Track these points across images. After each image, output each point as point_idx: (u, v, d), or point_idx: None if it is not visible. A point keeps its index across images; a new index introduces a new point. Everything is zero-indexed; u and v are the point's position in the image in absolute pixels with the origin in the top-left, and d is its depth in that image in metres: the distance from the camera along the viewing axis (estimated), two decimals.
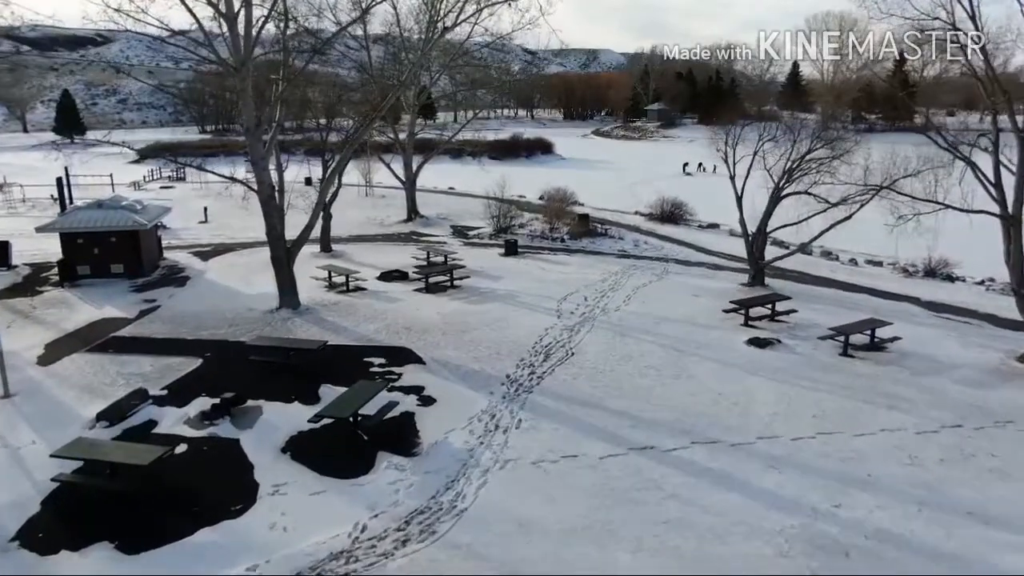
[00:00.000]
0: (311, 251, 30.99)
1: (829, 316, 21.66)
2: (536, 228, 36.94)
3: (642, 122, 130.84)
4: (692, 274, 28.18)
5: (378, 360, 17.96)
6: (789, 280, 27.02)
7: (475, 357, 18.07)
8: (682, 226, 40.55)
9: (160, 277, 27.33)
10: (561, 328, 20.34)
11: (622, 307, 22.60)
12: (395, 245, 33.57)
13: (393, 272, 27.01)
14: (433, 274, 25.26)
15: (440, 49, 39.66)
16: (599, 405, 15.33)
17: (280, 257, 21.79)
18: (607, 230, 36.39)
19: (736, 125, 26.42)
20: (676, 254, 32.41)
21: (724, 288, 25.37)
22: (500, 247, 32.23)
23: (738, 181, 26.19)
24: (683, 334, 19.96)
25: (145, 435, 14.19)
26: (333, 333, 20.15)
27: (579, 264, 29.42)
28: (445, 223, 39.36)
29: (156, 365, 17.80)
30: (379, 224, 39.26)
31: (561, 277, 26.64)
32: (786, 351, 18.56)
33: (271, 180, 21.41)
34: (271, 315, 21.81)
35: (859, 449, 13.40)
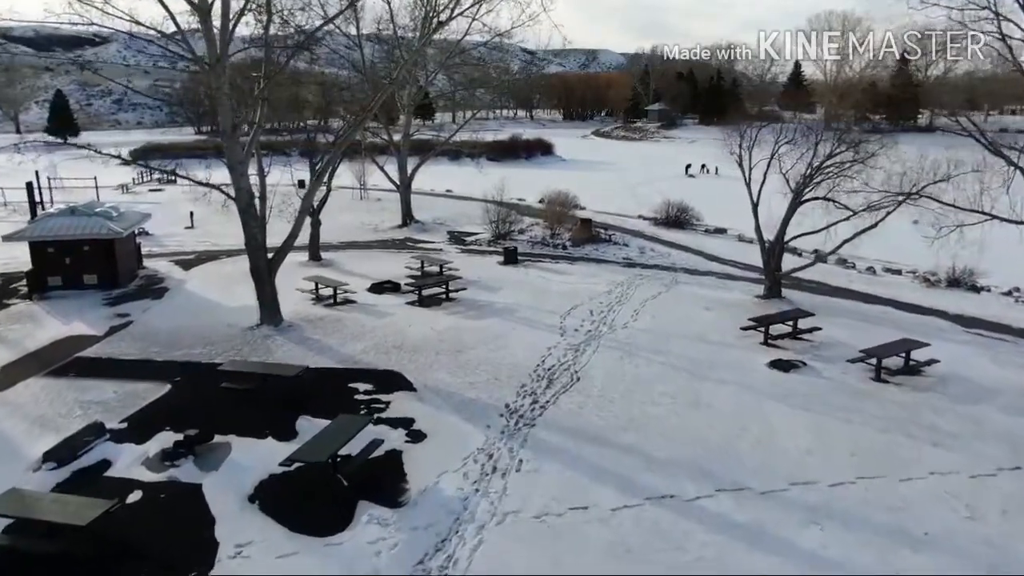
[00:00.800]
0: (299, 260, 29.36)
1: (854, 333, 20.04)
2: (536, 234, 35.32)
3: (642, 122, 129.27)
4: (703, 284, 26.53)
5: (364, 386, 16.30)
6: (806, 291, 25.40)
7: (471, 383, 16.41)
8: (688, 231, 38.93)
9: (137, 289, 25.66)
10: (565, 347, 18.70)
11: (630, 323, 20.96)
12: (388, 253, 31.92)
13: (385, 283, 25.34)
14: (427, 286, 23.61)
15: (437, 47, 38.06)
16: (609, 441, 13.68)
17: (260, 269, 20.14)
18: (611, 236, 34.77)
19: (751, 126, 24.74)
20: (684, 262, 30.78)
21: (738, 301, 23.73)
22: (499, 254, 30.59)
23: (748, 185, 24.52)
24: (698, 354, 18.31)
25: (96, 479, 12.55)
26: (316, 353, 18.49)
27: (582, 273, 27.76)
28: (441, 228, 37.71)
29: (120, 392, 16.14)
30: (372, 230, 37.61)
31: (564, 288, 24.99)
32: (812, 375, 16.91)
33: (250, 186, 19.76)
34: (251, 332, 20.15)
35: (907, 497, 11.75)
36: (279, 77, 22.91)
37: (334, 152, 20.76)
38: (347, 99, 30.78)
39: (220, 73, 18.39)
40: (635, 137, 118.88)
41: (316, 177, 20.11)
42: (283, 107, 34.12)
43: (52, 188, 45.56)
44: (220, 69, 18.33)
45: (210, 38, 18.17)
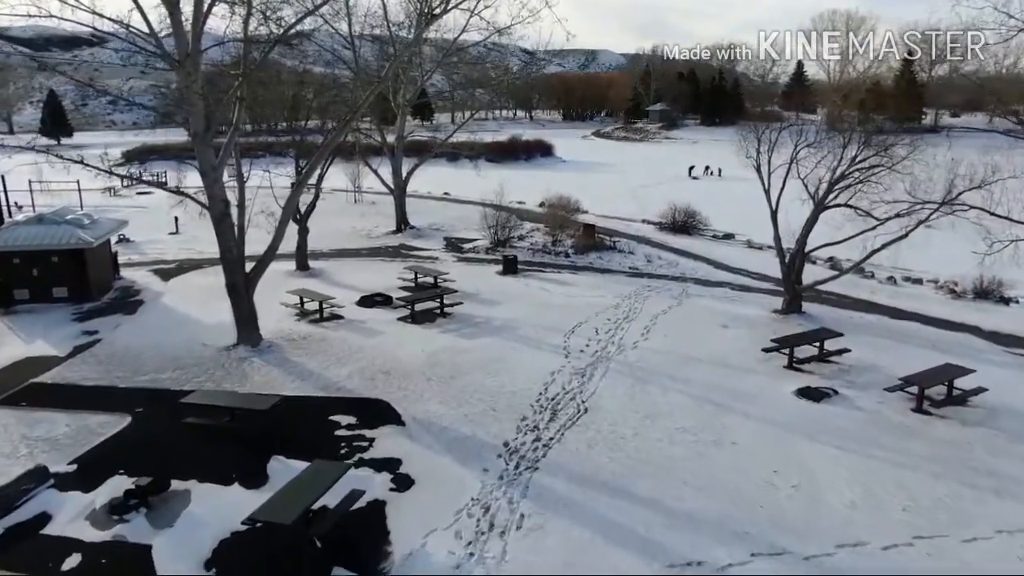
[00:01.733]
0: (285, 269, 27.66)
1: (885, 354, 18.37)
2: (537, 240, 33.61)
3: (643, 123, 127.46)
4: (716, 297, 24.81)
5: (347, 419, 14.59)
6: (826, 304, 23.70)
7: (466, 415, 14.70)
8: (696, 237, 37.20)
9: (109, 302, 23.94)
10: (570, 372, 16.99)
11: (640, 342, 19.25)
12: (381, 261, 30.18)
13: (375, 296, 23.63)
14: (420, 301, 21.88)
15: (433, 45, 36.38)
16: (624, 489, 11.97)
17: (237, 286, 18.43)
18: (615, 243, 33.05)
19: (770, 128, 23.00)
20: (694, 271, 29.05)
21: (756, 316, 22.03)
22: (498, 263, 28.87)
23: (767, 192, 22.78)
24: (717, 380, 16.60)
25: (31, 538, 10.84)
26: (296, 379, 16.78)
27: (586, 285, 26.05)
28: (438, 234, 35.98)
29: (73, 426, 14.43)
30: (365, 236, 35.87)
31: (567, 302, 23.28)
32: (846, 406, 15.20)
33: (225, 195, 18.04)
34: (226, 354, 18.43)
35: (974, 565, 10.06)
36: (259, 75, 21.28)
37: (318, 155, 19.04)
38: (336, 99, 29.05)
39: (190, 70, 16.68)
40: (636, 138, 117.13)
41: (298, 182, 18.39)
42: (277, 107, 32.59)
43: (33, 191, 43.80)
44: (191, 65, 16.62)
45: (179, 31, 16.46)
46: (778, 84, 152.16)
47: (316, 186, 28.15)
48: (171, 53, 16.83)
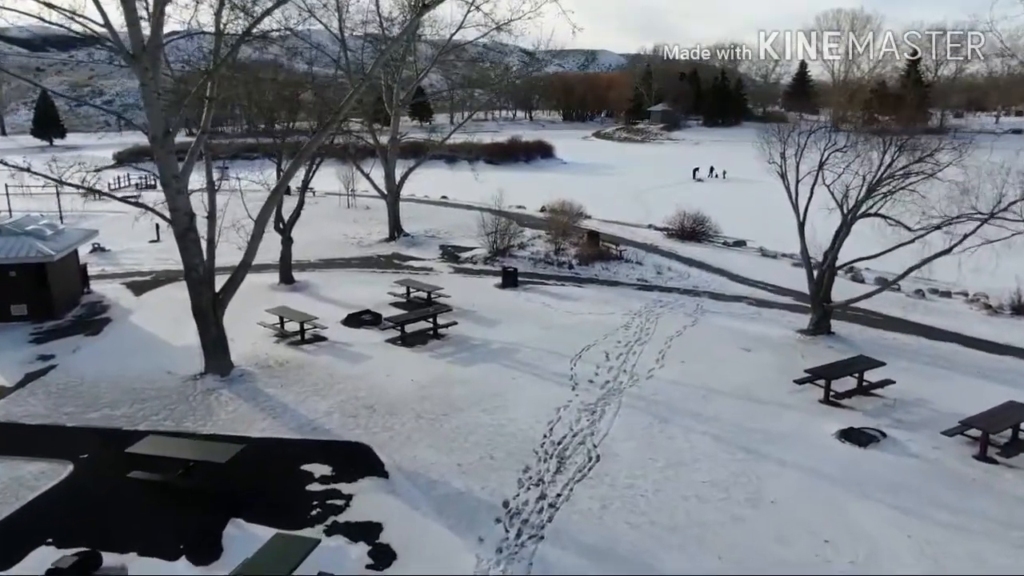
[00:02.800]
0: (268, 283, 25.71)
1: (931, 384, 16.41)
2: (538, 250, 31.60)
3: (645, 124, 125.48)
4: (734, 314, 22.82)
5: (322, 469, 12.60)
6: (855, 323, 21.70)
7: (459, 464, 12.72)
8: (706, 244, 35.23)
9: (73, 321, 21.96)
10: (579, 408, 15.00)
11: (656, 370, 17.25)
12: (372, 273, 28.17)
13: (363, 314, 21.65)
14: (411, 320, 19.89)
15: (429, 43, 34.44)
16: (647, 565, 10.00)
17: (204, 308, 16.43)
18: (622, 252, 31.04)
19: (798, 130, 20.97)
20: (707, 284, 27.05)
21: (780, 338, 20.04)
22: (496, 275, 26.89)
23: (795, 201, 20.77)
24: (746, 418, 14.61)
25: None
26: (268, 416, 14.79)
27: (593, 300, 24.04)
28: (433, 243, 33.95)
29: (4, 478, 12.44)
30: (357, 244, 33.87)
31: (572, 321, 21.30)
32: (897, 452, 13.20)
33: (190, 207, 16.05)
34: (192, 384, 16.44)
35: None
36: (233, 72, 19.33)
37: (296, 160, 17.03)
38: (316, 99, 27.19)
39: (147, 65, 14.70)
40: (637, 139, 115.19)
41: (274, 190, 16.42)
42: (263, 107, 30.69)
43: (10, 195, 41.80)
44: (147, 60, 14.64)
45: (132, 20, 14.47)
46: (780, 85, 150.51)
47: (301, 192, 26.19)
48: (126, 46, 14.84)
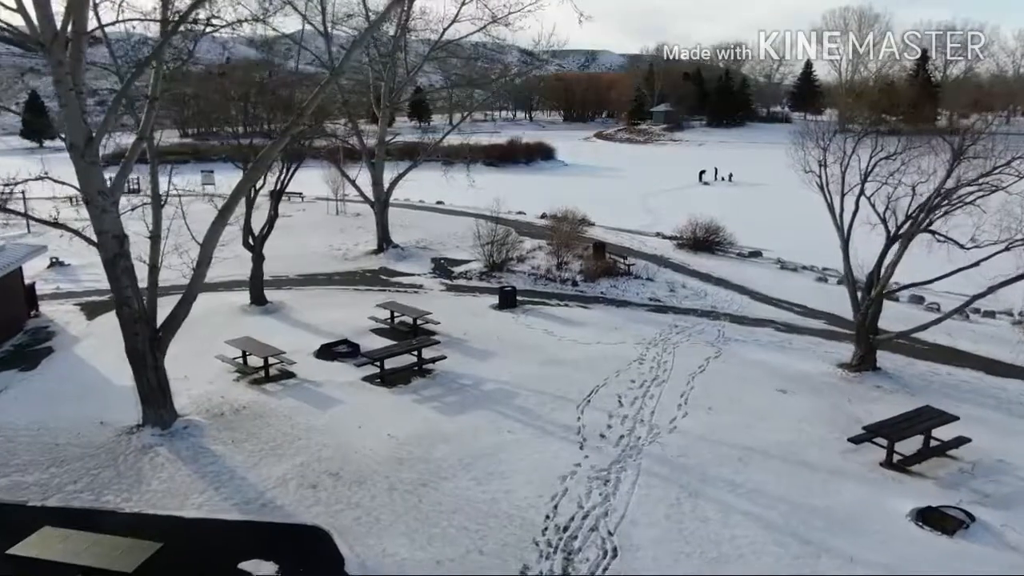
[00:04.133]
0: (238, 304, 23.06)
1: (1012, 442, 13.75)
2: (539, 263, 28.89)
3: (647, 124, 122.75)
4: (760, 342, 20.11)
5: (263, 569, 9.90)
6: (899, 353, 18.97)
7: (439, 562, 10.00)
8: (720, 255, 32.56)
9: (11, 351, 19.33)
10: (588, 475, 12.30)
11: (679, 420, 14.54)
12: (355, 291, 25.49)
13: (339, 344, 18.95)
14: (392, 355, 17.17)
15: (423, 40, 31.75)
16: None
17: (139, 350, 13.73)
18: (630, 266, 28.31)
19: (844, 132, 18.20)
20: (726, 304, 24.35)
21: (819, 375, 17.32)
22: (492, 293, 24.22)
23: (839, 218, 18.02)
24: (795, 491, 11.89)
25: None
26: (209, 486, 12.08)
27: (600, 324, 21.34)
28: (425, 255, 31.26)
29: None
30: (342, 257, 31.16)
31: (578, 353, 18.57)
32: (994, 543, 10.47)
33: (121, 229, 13.37)
34: (126, 440, 13.74)
35: None
36: (185, 67, 16.70)
37: (253, 168, 14.32)
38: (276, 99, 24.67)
39: (61, 58, 12.03)
40: (640, 140, 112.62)
41: (223, 208, 13.67)
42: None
43: None
44: (60, 51, 11.96)
45: (42, 2, 11.79)
46: (783, 85, 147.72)
47: (274, 203, 23.51)
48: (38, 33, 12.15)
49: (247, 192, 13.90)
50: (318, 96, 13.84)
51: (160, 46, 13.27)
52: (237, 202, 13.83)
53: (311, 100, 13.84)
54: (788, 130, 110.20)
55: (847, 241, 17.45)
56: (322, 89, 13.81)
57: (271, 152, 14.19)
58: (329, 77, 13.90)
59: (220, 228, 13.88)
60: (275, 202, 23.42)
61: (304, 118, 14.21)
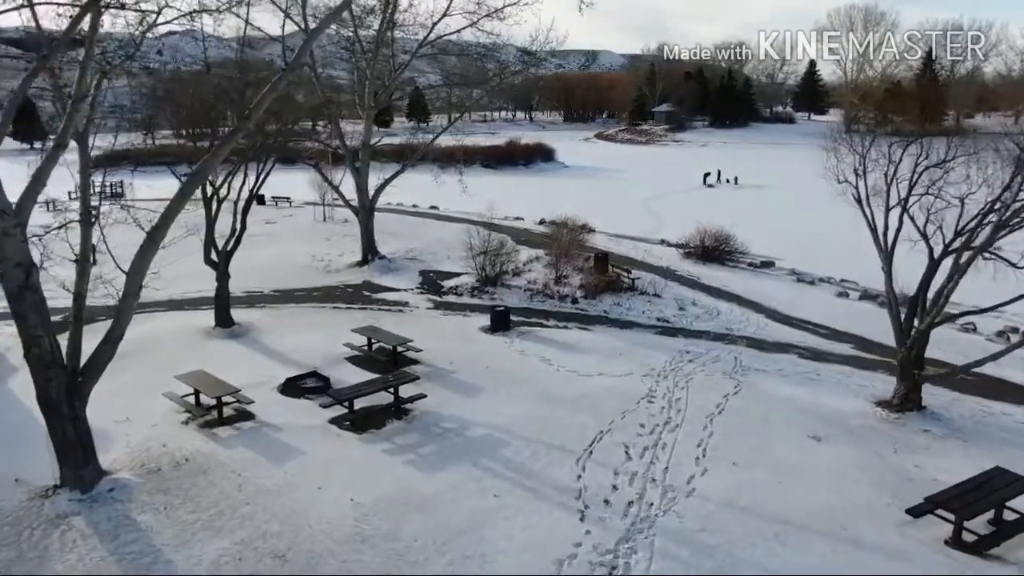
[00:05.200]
0: (202, 326, 20.84)
1: None
2: (536, 277, 26.64)
3: (649, 125, 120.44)
4: (784, 372, 17.82)
5: None
6: (941, 387, 16.69)
7: None
8: (730, 267, 30.30)
9: None
10: (591, 558, 10.04)
11: (697, 479, 12.27)
12: (334, 311, 23.25)
13: (307, 377, 16.74)
14: (364, 394, 14.92)
15: (407, 35, 29.52)
16: None
17: (54, 401, 11.48)
18: (635, 280, 26.05)
19: (876, 135, 15.91)
20: (742, 324, 22.10)
21: (856, 415, 15.06)
22: (484, 312, 21.96)
23: (882, 237, 15.71)
24: None
25: None
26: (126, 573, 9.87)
27: (603, 351, 19.06)
28: (413, 267, 29.01)
29: None
30: (323, 269, 28.91)
31: (578, 387, 16.31)
32: None
33: (27, 255, 11.14)
34: (38, 506, 11.52)
35: None
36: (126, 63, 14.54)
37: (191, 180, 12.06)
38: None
39: None
40: (641, 140, 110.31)
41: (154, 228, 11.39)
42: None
43: None
44: None
45: None
46: (786, 85, 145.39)
47: (242, 215, 21.29)
48: None
49: (182, 207, 11.57)
50: (269, 96, 11.61)
51: (65, 34, 11.03)
52: (169, 222, 11.59)
53: (259, 100, 11.59)
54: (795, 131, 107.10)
55: (891, 263, 15.12)
56: (273, 87, 11.58)
57: (212, 162, 11.95)
58: (281, 74, 11.68)
59: (150, 254, 11.65)
60: (243, 214, 21.20)
61: (251, 121, 11.95)
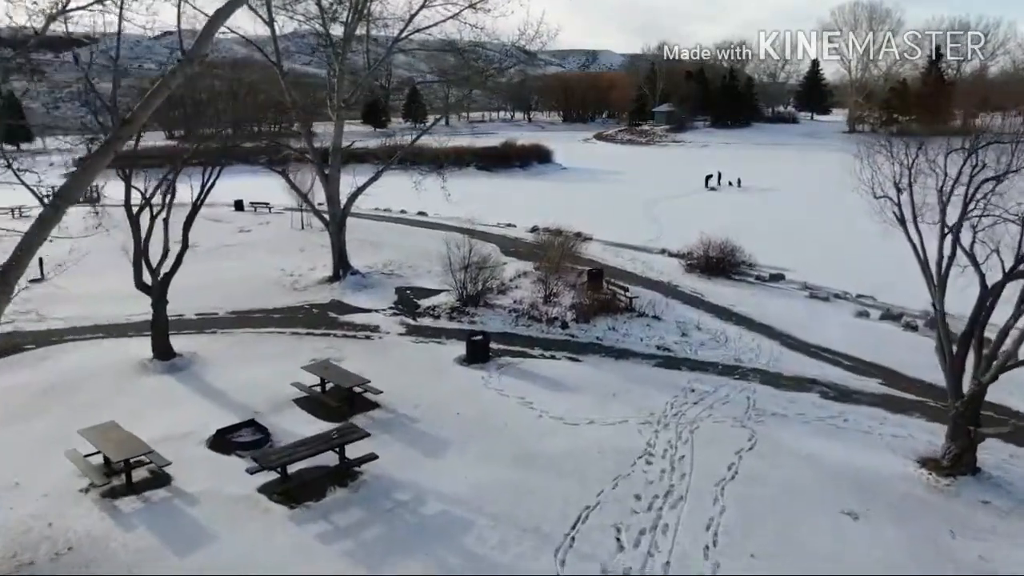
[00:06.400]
0: (137, 359, 18.26)
1: None
2: (523, 296, 24.05)
3: (649, 125, 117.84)
4: (806, 418, 15.20)
5: None
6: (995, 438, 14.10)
7: None
8: (736, 280, 27.75)
9: None
10: None
11: None
12: (293, 337, 20.62)
13: (242, 429, 14.15)
14: (301, 456, 12.33)
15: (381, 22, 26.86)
16: None
17: None
18: (632, 299, 23.42)
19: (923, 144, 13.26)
20: (753, 353, 19.47)
21: (896, 479, 12.45)
22: (463, 337, 19.31)
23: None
24: None
25: None
26: None
27: (594, 390, 16.45)
28: (389, 283, 26.42)
29: None
30: (291, 286, 26.29)
31: (563, 442, 13.70)
32: None
33: None
34: None
35: None
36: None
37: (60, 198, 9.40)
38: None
39: None
40: (641, 141, 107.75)
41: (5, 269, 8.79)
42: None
43: None
44: None
45: None
46: (788, 85, 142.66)
47: (184, 232, 18.69)
48: None
49: (54, 224, 8.92)
50: (159, 95, 9.04)
51: None
52: (26, 259, 8.96)
53: (146, 100, 9.00)
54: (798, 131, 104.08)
55: (943, 297, 12.43)
56: (165, 84, 9.03)
57: (83, 179, 9.35)
58: (176, 67, 9.12)
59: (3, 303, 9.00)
60: (184, 230, 18.59)
61: (134, 126, 9.36)
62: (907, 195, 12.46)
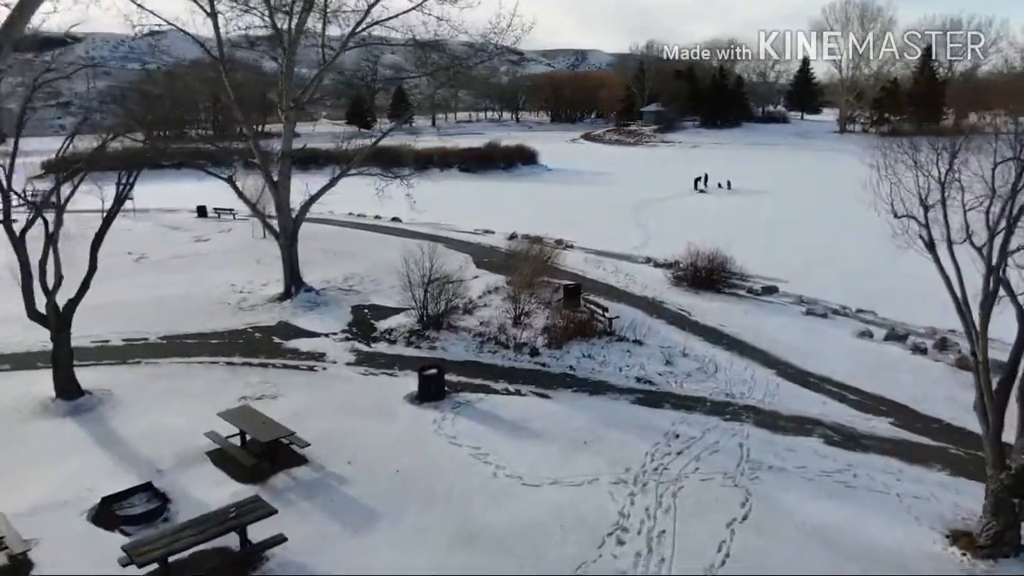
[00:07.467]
0: (40, 397, 15.80)
1: None
2: (491, 315, 21.71)
3: (637, 125, 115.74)
4: (807, 472, 12.92)
5: None
6: None
7: None
8: (726, 295, 25.51)
9: None
10: None
11: None
12: (225, 368, 18.15)
13: (133, 496, 11.74)
14: (189, 544, 9.93)
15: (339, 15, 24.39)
16: None
17: None
18: (611, 320, 21.11)
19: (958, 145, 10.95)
20: (746, 387, 17.15)
21: (923, 559, 10.19)
22: (416, 367, 16.89)
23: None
24: None
25: None
26: None
27: (562, 436, 14.12)
28: (345, 301, 24.01)
29: None
30: (238, 304, 23.81)
31: (519, 511, 11.36)
32: None
33: None
34: None
35: None
36: None
37: None
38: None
39: None
40: (629, 141, 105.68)
41: None
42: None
43: None
44: None
45: None
46: (777, 84, 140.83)
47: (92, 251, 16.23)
48: None
49: None
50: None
51: None
52: None
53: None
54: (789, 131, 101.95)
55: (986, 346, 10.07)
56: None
57: None
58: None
59: None
60: (92, 249, 16.11)
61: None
62: (937, 212, 10.15)
